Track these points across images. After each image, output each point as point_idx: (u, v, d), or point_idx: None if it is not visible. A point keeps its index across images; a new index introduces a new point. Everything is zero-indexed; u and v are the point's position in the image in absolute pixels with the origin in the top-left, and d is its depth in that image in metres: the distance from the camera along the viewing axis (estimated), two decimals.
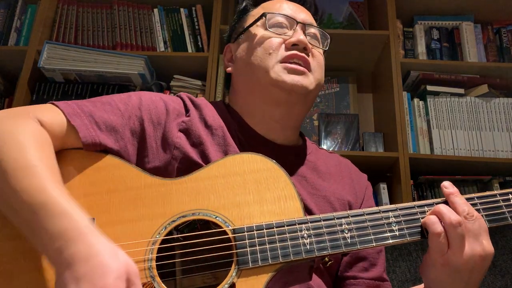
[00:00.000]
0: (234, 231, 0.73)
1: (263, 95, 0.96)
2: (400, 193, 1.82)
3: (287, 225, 0.73)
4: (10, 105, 2.10)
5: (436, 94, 2.04)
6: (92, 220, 0.73)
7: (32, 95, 2.02)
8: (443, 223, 0.71)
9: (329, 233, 0.73)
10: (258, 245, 0.71)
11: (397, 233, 0.74)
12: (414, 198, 1.89)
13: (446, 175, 1.89)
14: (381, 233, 0.74)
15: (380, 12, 2.19)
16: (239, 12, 1.10)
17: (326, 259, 0.77)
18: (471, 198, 0.76)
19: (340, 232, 0.73)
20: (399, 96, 1.96)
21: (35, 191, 0.64)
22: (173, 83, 2.11)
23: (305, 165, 1.00)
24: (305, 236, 0.72)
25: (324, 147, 2.08)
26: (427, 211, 0.75)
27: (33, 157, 0.68)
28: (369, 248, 0.95)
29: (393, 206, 0.76)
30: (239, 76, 1.03)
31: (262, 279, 0.69)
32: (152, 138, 0.87)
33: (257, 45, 0.97)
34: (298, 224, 0.73)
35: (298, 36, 0.95)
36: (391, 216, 0.75)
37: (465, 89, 2.07)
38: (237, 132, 0.96)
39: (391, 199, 1.92)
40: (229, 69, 1.06)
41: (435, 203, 0.76)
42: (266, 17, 0.99)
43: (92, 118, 0.82)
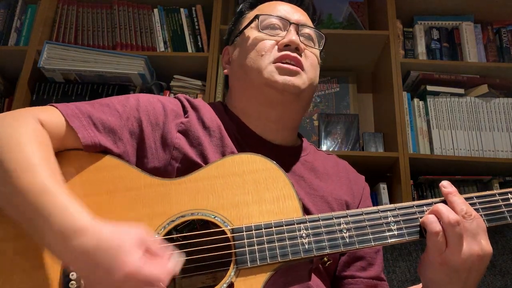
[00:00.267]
0: (233, 231, 0.73)
1: (257, 96, 0.97)
2: (400, 193, 1.81)
3: (286, 225, 0.73)
4: (10, 105, 2.10)
5: (436, 94, 2.04)
6: None
7: (32, 95, 2.02)
8: (442, 222, 0.71)
9: (328, 233, 0.73)
10: (257, 245, 0.71)
11: (396, 233, 0.74)
12: (414, 198, 1.88)
13: (446, 175, 1.88)
14: (380, 233, 0.74)
15: (380, 12, 2.19)
16: (236, 15, 1.12)
17: (325, 259, 0.76)
18: (470, 198, 0.76)
19: (339, 232, 0.73)
20: (399, 96, 1.96)
21: (38, 190, 0.65)
22: (173, 83, 2.10)
23: (303, 166, 1.00)
24: (304, 236, 0.72)
25: (324, 147, 2.08)
26: (426, 211, 0.75)
27: (34, 157, 0.69)
28: (367, 248, 0.96)
29: (392, 206, 0.77)
30: (235, 78, 1.04)
31: (261, 279, 0.69)
32: (151, 139, 0.87)
33: (250, 47, 0.98)
34: (297, 224, 0.73)
35: (290, 37, 0.96)
36: (390, 216, 0.75)
37: (465, 89, 2.06)
38: (235, 133, 0.96)
39: (391, 199, 1.91)
40: (226, 71, 1.08)
41: (434, 203, 0.76)
42: (259, 19, 1.00)
43: (91, 120, 0.83)
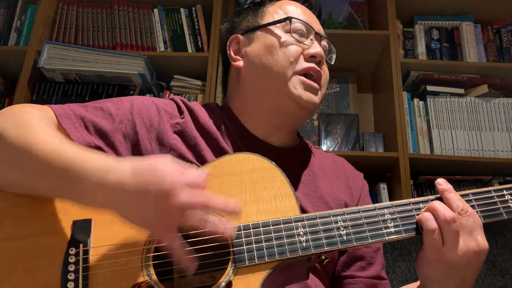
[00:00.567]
0: None
1: (272, 101, 0.95)
2: (400, 193, 1.81)
3: (283, 223, 0.73)
4: (10, 105, 2.10)
5: (436, 94, 2.04)
6: (89, 221, 0.73)
7: (32, 95, 2.02)
8: (438, 220, 0.71)
9: (325, 231, 0.73)
10: (255, 243, 0.71)
11: (393, 230, 0.74)
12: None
13: (446, 175, 1.87)
14: (377, 230, 0.74)
15: (380, 12, 2.19)
16: (254, 4, 1.04)
17: (323, 257, 0.77)
18: (466, 195, 0.76)
19: (336, 230, 0.73)
20: (399, 96, 1.96)
21: (62, 149, 0.67)
22: (173, 83, 2.11)
23: (301, 166, 1.00)
24: (301, 234, 0.72)
25: (324, 147, 2.07)
26: (422, 208, 0.75)
27: (47, 130, 0.72)
28: (366, 247, 0.95)
29: (389, 203, 0.76)
30: (250, 75, 0.98)
31: (259, 277, 0.69)
32: (147, 141, 0.87)
33: (279, 50, 0.94)
34: (294, 222, 0.73)
35: (316, 49, 0.94)
36: (387, 213, 0.75)
37: (465, 89, 2.07)
38: (232, 134, 0.95)
39: (391, 199, 1.91)
40: (239, 64, 0.99)
41: (430, 200, 0.76)
42: (291, 22, 0.96)
43: (83, 122, 0.84)
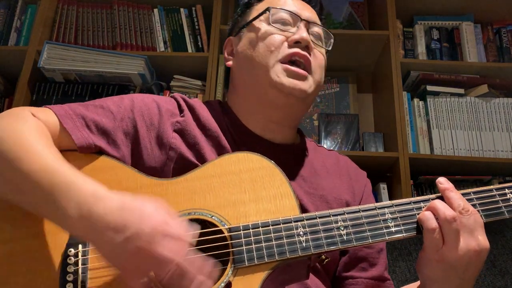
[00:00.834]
0: (230, 230, 0.72)
1: (260, 95, 0.94)
2: (400, 193, 1.81)
3: (283, 223, 0.73)
4: (10, 105, 2.10)
5: (436, 94, 2.04)
6: None
7: (32, 95, 2.02)
8: (438, 219, 0.71)
9: (325, 230, 0.72)
10: (254, 244, 0.71)
11: (393, 229, 0.73)
12: None
13: (446, 175, 1.85)
14: (377, 230, 0.73)
15: (380, 12, 2.19)
16: (243, 6, 1.07)
17: (323, 257, 0.76)
18: (467, 194, 0.76)
19: (336, 229, 0.73)
20: (399, 96, 1.96)
21: (50, 169, 0.66)
22: (173, 83, 2.10)
23: (303, 164, 0.98)
24: (301, 234, 0.72)
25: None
26: (423, 207, 0.75)
27: (39, 144, 0.70)
28: (369, 248, 0.94)
29: (389, 203, 0.76)
30: (239, 71, 1.00)
31: (259, 277, 0.69)
32: (146, 139, 0.87)
33: (259, 40, 0.95)
34: (294, 222, 0.73)
35: (301, 34, 0.93)
36: (387, 213, 0.75)
37: (465, 89, 2.06)
38: (232, 132, 0.95)
39: (391, 199, 1.86)
40: (229, 63, 1.03)
41: (431, 199, 0.75)
42: (270, 12, 0.96)
43: (84, 121, 0.83)
